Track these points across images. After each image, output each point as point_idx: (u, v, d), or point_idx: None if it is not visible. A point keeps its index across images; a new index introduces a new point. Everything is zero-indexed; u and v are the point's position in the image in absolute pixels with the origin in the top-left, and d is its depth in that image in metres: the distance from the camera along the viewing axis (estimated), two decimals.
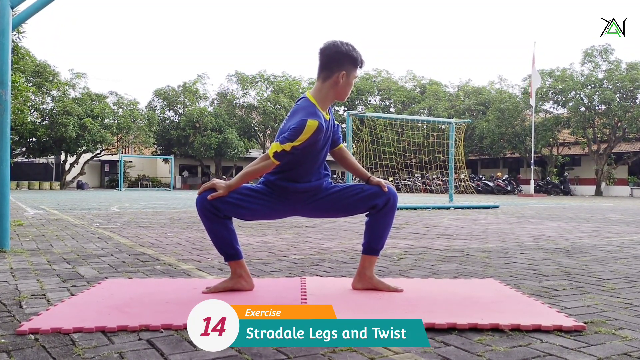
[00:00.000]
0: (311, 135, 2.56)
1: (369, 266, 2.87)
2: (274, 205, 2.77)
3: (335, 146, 2.93)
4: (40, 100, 34.34)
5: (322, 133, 2.63)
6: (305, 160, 2.70)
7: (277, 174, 2.75)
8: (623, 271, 3.67)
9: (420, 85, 44.85)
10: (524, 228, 7.24)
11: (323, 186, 2.82)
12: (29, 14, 4.90)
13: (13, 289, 2.91)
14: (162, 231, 6.40)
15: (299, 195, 2.78)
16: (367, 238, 2.86)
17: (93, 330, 2.08)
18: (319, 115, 2.61)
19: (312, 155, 2.70)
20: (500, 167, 41.34)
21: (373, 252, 2.86)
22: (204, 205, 2.67)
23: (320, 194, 2.80)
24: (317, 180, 2.79)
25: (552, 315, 2.34)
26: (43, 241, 5.20)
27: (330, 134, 2.79)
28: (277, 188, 2.76)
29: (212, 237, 2.75)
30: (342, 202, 2.80)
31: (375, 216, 2.80)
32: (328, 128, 2.73)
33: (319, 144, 2.67)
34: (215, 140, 39.21)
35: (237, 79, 42.93)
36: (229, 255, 2.77)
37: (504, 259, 4.25)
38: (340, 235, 6.07)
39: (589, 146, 32.86)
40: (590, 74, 31.62)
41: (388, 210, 2.79)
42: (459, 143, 15.52)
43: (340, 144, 2.94)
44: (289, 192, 2.76)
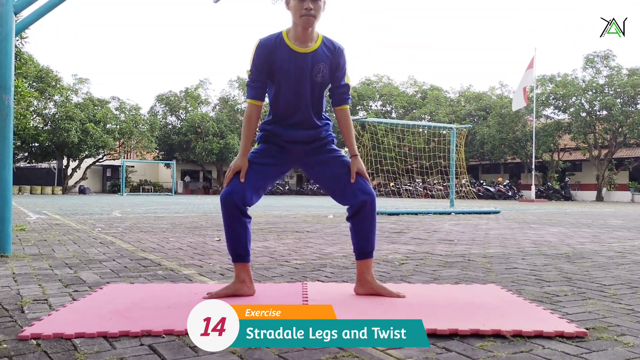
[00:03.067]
0: (255, 53, 2.71)
1: (367, 270, 2.87)
2: (280, 162, 2.84)
3: (337, 104, 2.87)
4: (42, 105, 34.44)
5: (272, 54, 2.70)
6: (280, 92, 2.76)
7: (268, 120, 2.85)
8: (625, 277, 3.67)
9: (421, 91, 44.90)
10: (525, 233, 7.23)
11: (321, 136, 2.84)
12: (32, 19, 4.93)
13: (15, 294, 2.91)
14: (164, 236, 6.40)
15: (296, 146, 2.82)
16: (355, 243, 2.87)
17: (95, 335, 2.09)
18: (267, 38, 2.73)
19: (285, 85, 2.75)
20: (501, 172, 41.33)
21: (365, 255, 2.86)
22: (231, 200, 2.68)
23: (318, 151, 2.85)
24: (311, 130, 2.81)
25: (554, 321, 2.34)
26: (45, 246, 5.20)
27: (308, 67, 2.73)
28: (273, 137, 2.83)
29: (229, 235, 2.75)
30: (331, 181, 2.83)
31: (356, 218, 2.81)
32: (299, 59, 2.72)
33: (285, 70, 2.72)
34: (217, 145, 39.27)
35: (239, 84, 43.04)
36: (240, 256, 2.77)
37: (505, 264, 4.24)
38: (341, 240, 6.07)
39: (589, 151, 32.83)
40: (592, 80, 31.64)
41: (367, 210, 2.78)
42: (460, 148, 15.51)
43: (344, 104, 2.86)
44: (284, 141, 2.81)
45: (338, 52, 2.78)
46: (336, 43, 2.81)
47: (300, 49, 2.73)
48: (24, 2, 4.63)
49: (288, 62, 2.72)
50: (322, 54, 2.75)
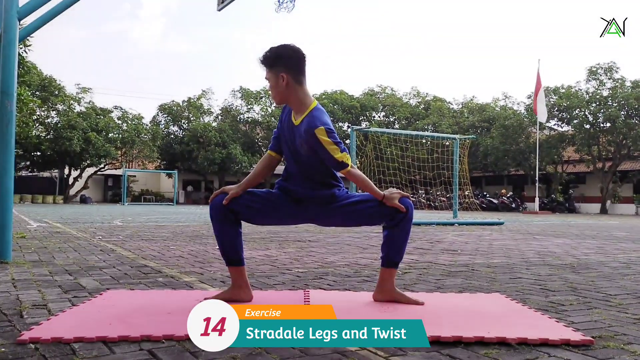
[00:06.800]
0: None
1: (389, 278, 2.85)
2: (288, 210, 2.80)
3: (336, 171, 2.74)
4: (45, 114, 34.51)
5: (282, 118, 2.83)
6: (286, 158, 2.85)
7: (280, 178, 2.88)
8: (630, 287, 3.63)
9: (424, 102, 44.95)
10: (530, 244, 7.19)
11: (336, 195, 2.80)
12: (36, 26, 4.94)
13: (14, 299, 2.89)
14: (165, 244, 6.37)
15: (311, 202, 2.78)
16: (385, 251, 2.84)
17: (94, 340, 2.06)
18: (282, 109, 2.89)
19: (285, 150, 2.82)
20: (505, 184, 41.23)
21: (392, 264, 2.84)
22: (218, 208, 2.71)
23: (334, 203, 2.79)
24: (321, 191, 2.77)
25: (560, 329, 2.30)
26: (45, 253, 5.18)
27: (295, 139, 2.71)
28: (288, 192, 2.80)
29: (219, 240, 2.77)
30: (358, 214, 2.78)
31: (393, 229, 2.78)
32: (291, 129, 2.75)
33: (283, 136, 2.81)
34: (219, 155, 39.30)
35: (241, 94, 43.11)
36: (232, 260, 2.78)
37: (509, 274, 4.21)
38: (344, 249, 6.03)
39: (593, 164, 32.77)
40: (595, 92, 31.64)
41: (405, 222, 2.77)
42: (463, 159, 15.48)
43: (343, 169, 2.66)
44: (300, 196, 2.78)
45: (309, 133, 2.60)
46: (313, 121, 2.62)
47: (294, 119, 2.74)
48: (28, 9, 4.65)
49: (285, 130, 2.79)
50: (302, 129, 2.67)
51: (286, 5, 7.30)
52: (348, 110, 42.58)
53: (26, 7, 4.63)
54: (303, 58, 2.74)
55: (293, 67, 2.70)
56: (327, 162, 2.67)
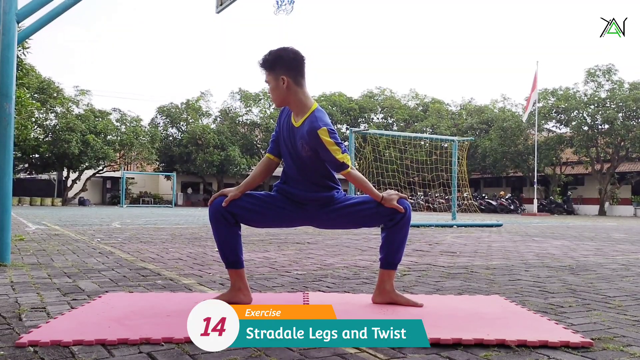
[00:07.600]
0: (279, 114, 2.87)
1: (388, 280, 2.85)
2: (287, 212, 2.80)
3: (336, 172, 2.77)
4: (43, 116, 34.46)
5: (281, 120, 2.83)
6: (284, 161, 2.86)
7: (279, 181, 2.88)
8: (629, 289, 3.63)
9: (423, 104, 44.97)
10: (528, 246, 7.19)
11: (334, 197, 2.80)
12: (34, 29, 4.94)
13: (13, 302, 2.88)
14: (164, 246, 6.37)
15: (310, 204, 2.78)
16: (384, 252, 2.84)
17: (93, 342, 2.06)
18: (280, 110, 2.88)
19: (284, 152, 2.82)
20: (503, 186, 41.28)
21: (391, 266, 2.85)
22: (217, 211, 2.71)
23: (333, 205, 2.79)
24: (319, 193, 2.77)
25: (559, 331, 2.30)
26: (44, 255, 5.17)
27: (296, 141, 2.73)
28: (287, 194, 2.80)
29: (219, 242, 2.77)
30: (357, 215, 2.79)
31: (391, 230, 2.78)
32: (291, 131, 2.75)
33: (282, 139, 2.80)
34: (218, 157, 39.28)
35: (240, 96, 43.09)
36: (231, 262, 2.79)
37: (508, 276, 4.21)
38: (342, 251, 6.03)
39: (592, 165, 32.81)
40: (593, 94, 31.68)
41: (404, 223, 2.77)
42: (461, 161, 15.50)
43: (343, 171, 2.68)
44: (295, 198, 2.78)
45: (311, 134, 2.61)
46: (315, 122, 2.63)
47: (294, 121, 2.74)
48: (26, 11, 4.65)
49: (284, 132, 2.79)
50: (303, 131, 2.67)
51: (285, 7, 7.31)
52: (346, 112, 42.59)
53: (25, 9, 4.63)
54: (303, 60, 2.75)
55: (293, 70, 2.71)
56: (328, 163, 2.69)
